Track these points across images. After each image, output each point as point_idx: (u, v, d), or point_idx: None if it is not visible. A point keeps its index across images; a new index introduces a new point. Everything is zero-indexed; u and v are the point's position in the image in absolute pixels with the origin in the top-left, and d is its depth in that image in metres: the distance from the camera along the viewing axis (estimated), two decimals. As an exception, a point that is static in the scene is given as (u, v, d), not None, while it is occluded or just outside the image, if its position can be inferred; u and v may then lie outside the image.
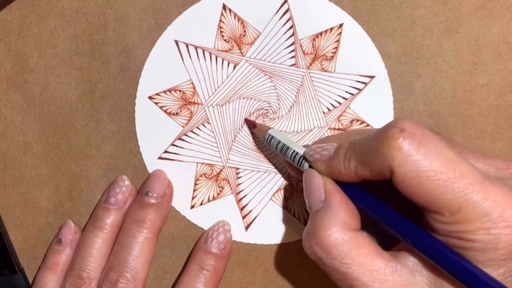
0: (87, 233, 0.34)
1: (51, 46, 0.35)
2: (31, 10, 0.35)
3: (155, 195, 0.34)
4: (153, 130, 0.35)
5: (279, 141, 0.32)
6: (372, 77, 0.33)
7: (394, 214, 0.26)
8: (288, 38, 0.34)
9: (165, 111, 0.35)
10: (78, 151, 0.35)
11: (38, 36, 0.35)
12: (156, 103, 0.35)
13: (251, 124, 0.34)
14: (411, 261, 0.26)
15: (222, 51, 0.34)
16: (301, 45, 0.34)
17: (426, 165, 0.23)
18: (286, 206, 0.35)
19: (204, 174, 0.35)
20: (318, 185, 0.28)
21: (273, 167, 0.35)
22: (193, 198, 0.35)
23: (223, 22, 0.34)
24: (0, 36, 0.35)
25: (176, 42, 0.34)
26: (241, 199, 0.35)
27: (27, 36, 0.35)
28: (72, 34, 0.35)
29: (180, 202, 0.35)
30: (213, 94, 0.34)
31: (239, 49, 0.34)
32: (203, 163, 0.35)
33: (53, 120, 0.35)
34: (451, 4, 0.33)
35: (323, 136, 0.34)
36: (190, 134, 0.35)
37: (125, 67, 0.35)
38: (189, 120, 0.35)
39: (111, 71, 0.35)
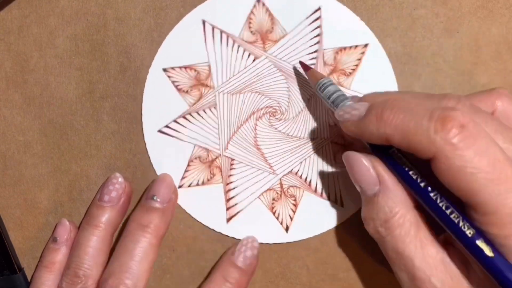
0: (82, 231, 0.34)
1: (51, 46, 0.35)
2: (31, 10, 0.35)
3: (160, 200, 0.33)
4: (159, 102, 0.35)
5: (335, 91, 0.30)
6: None
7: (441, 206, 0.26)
8: (312, 45, 0.34)
9: (176, 87, 0.35)
10: (78, 151, 0.35)
11: (38, 36, 0.35)
12: (169, 77, 0.35)
13: (304, 66, 0.33)
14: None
15: (246, 42, 0.34)
16: (323, 55, 0.34)
17: (474, 161, 0.23)
18: (271, 208, 0.34)
19: (199, 157, 0.35)
20: (367, 169, 0.28)
21: (268, 166, 0.34)
22: (182, 178, 0.35)
23: (253, 13, 0.34)
24: (0, 36, 0.35)
25: (204, 22, 0.34)
26: (229, 190, 0.35)
27: (27, 36, 0.35)
28: (72, 34, 0.35)
29: None
30: (226, 81, 0.34)
31: (263, 43, 0.34)
32: (200, 146, 0.35)
33: (53, 120, 0.35)
34: (451, 4, 0.33)
35: (323, 147, 0.34)
36: (194, 114, 0.35)
37: (125, 67, 0.35)
38: (197, 101, 0.35)
39: (111, 71, 0.35)
